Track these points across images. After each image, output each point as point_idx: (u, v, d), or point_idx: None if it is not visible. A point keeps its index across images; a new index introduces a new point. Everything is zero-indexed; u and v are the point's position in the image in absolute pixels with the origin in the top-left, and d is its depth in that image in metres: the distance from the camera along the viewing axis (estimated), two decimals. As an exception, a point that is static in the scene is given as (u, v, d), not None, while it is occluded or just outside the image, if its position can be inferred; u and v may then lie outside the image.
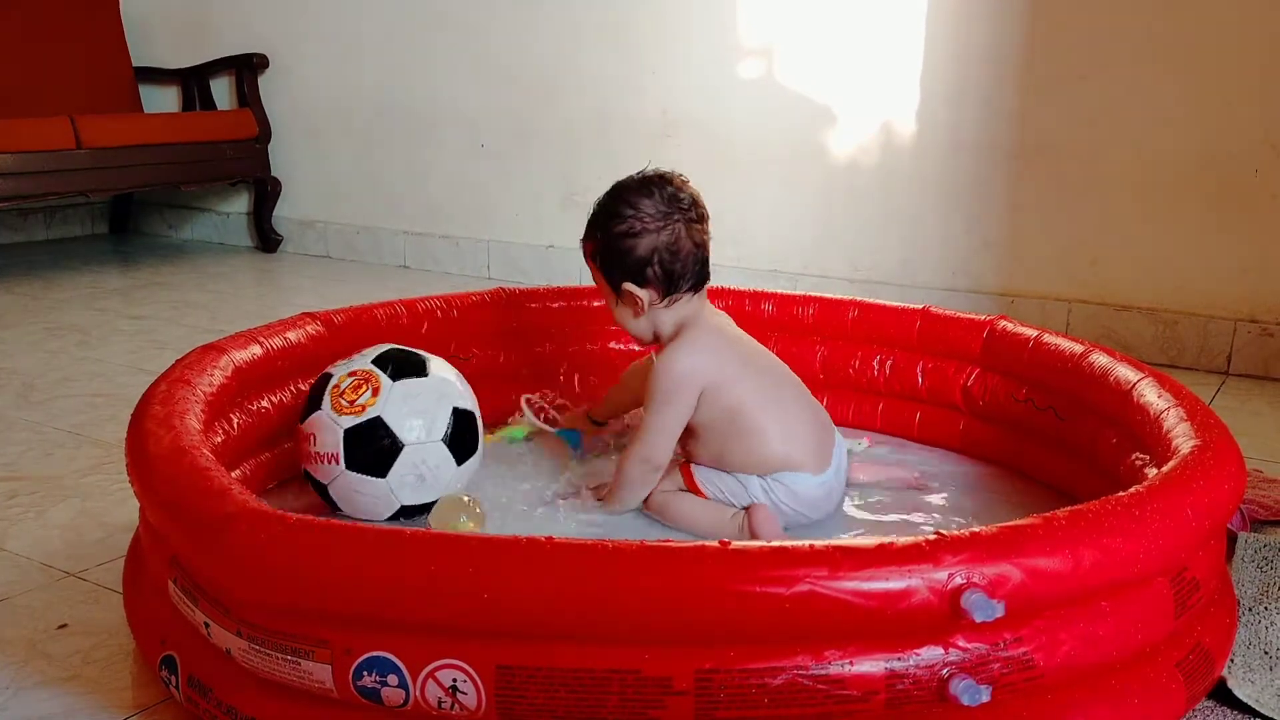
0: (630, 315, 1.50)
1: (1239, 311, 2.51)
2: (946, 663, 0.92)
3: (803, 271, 3.00)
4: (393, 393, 1.41)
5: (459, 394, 1.47)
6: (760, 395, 1.47)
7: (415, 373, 1.45)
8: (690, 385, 1.45)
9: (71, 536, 1.53)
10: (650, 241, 1.43)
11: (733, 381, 1.46)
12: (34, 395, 2.20)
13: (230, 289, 3.37)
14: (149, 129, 3.59)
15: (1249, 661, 1.17)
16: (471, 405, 1.49)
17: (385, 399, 1.40)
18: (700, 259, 1.47)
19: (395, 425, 1.40)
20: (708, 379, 1.45)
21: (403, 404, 1.41)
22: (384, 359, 1.46)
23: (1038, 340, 1.66)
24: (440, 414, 1.43)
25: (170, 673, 1.09)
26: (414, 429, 1.41)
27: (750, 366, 1.50)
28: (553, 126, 3.36)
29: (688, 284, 1.46)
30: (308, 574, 0.95)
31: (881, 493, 1.61)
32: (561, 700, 0.91)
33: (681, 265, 1.45)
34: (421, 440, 1.41)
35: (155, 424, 1.21)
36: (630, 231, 1.44)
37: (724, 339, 1.51)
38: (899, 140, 2.87)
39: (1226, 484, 1.11)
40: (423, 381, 1.44)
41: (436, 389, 1.45)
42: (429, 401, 1.43)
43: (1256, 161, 2.45)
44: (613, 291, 1.49)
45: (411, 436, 1.41)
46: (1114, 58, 2.56)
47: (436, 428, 1.43)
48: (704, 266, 1.48)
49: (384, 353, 1.47)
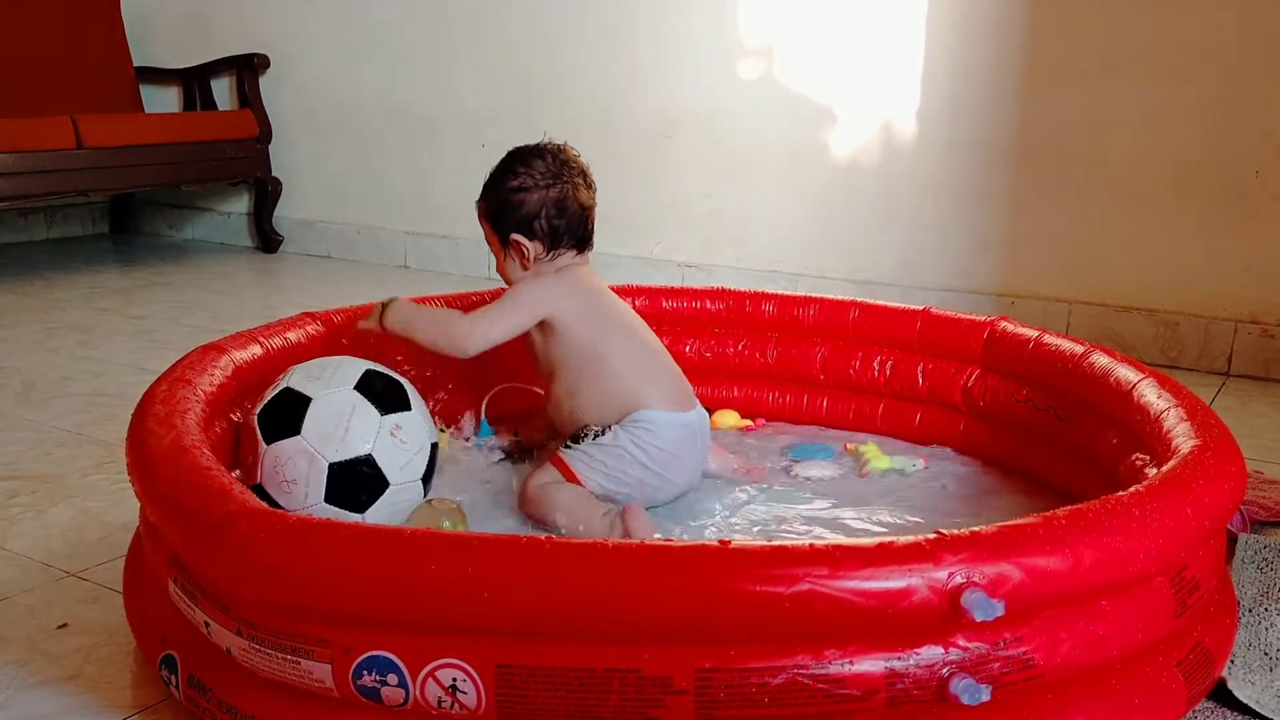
0: (518, 267, 1.61)
1: (1240, 312, 2.51)
2: (947, 662, 0.92)
3: (803, 272, 3.00)
4: (265, 457, 1.34)
5: (339, 443, 1.35)
6: (614, 340, 1.58)
7: (288, 430, 1.35)
8: (534, 305, 1.57)
9: (72, 536, 1.53)
10: (540, 197, 1.57)
11: (583, 320, 1.57)
12: (34, 395, 2.20)
13: (231, 289, 3.37)
14: (150, 129, 3.60)
15: (1249, 663, 1.17)
16: (365, 446, 1.36)
17: (261, 466, 1.35)
18: (585, 219, 1.61)
19: (274, 493, 1.34)
20: (555, 307, 1.56)
21: (275, 472, 1.34)
22: (268, 410, 1.37)
23: (1038, 341, 1.66)
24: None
25: (170, 672, 1.09)
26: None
27: (607, 315, 1.60)
28: (554, 126, 3.31)
29: (571, 240, 1.60)
30: (308, 573, 0.95)
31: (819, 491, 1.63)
32: (561, 699, 0.91)
33: (567, 222, 1.59)
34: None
35: (156, 423, 1.21)
36: (522, 186, 1.58)
37: (585, 286, 1.61)
38: (899, 141, 2.87)
39: (1227, 483, 1.11)
40: (292, 443, 1.34)
41: (305, 449, 1.34)
42: (300, 466, 1.34)
43: (1257, 162, 2.45)
44: (501, 245, 1.61)
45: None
46: (1114, 58, 2.56)
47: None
48: (588, 229, 1.62)
49: (272, 399, 1.38)
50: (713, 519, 1.53)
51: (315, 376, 1.39)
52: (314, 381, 1.39)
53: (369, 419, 1.36)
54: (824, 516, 1.53)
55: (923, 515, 1.54)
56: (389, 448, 1.36)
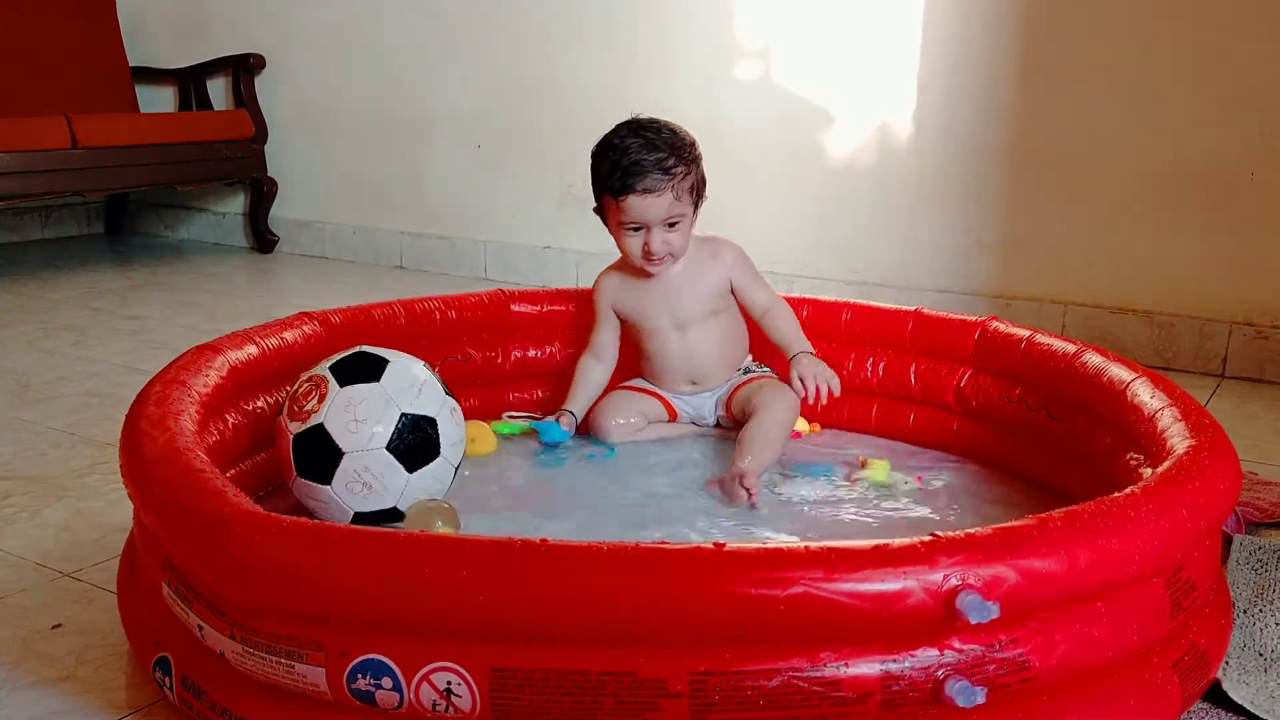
0: (691, 229, 1.75)
1: (1234, 314, 2.52)
2: (942, 664, 0.92)
3: (798, 273, 3.01)
4: (336, 399, 1.38)
5: (413, 399, 1.41)
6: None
7: (367, 377, 1.40)
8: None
9: (66, 536, 1.53)
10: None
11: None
12: (29, 395, 2.19)
13: (226, 289, 3.37)
14: (145, 129, 3.59)
15: (1244, 664, 1.17)
16: (433, 410, 1.42)
17: (329, 405, 1.38)
18: None
19: (335, 432, 1.37)
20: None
21: (344, 411, 1.38)
22: (342, 363, 1.43)
23: (1030, 341, 1.66)
24: (385, 420, 1.39)
25: (164, 674, 1.09)
26: (354, 436, 1.37)
27: None
28: (549, 127, 3.36)
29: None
30: (303, 575, 0.95)
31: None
32: (556, 703, 0.91)
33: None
34: (362, 447, 1.37)
35: (150, 425, 1.20)
36: (699, 152, 1.72)
37: None
38: (895, 142, 2.87)
39: (1222, 483, 1.11)
40: (371, 387, 1.39)
41: (383, 394, 1.39)
42: (374, 407, 1.38)
43: (1252, 164, 2.45)
44: (693, 209, 1.73)
45: (350, 443, 1.37)
46: (1110, 60, 2.56)
47: (379, 434, 1.38)
48: None
49: (345, 357, 1.45)
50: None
51: (386, 351, 1.47)
52: (386, 352, 1.47)
53: (437, 391, 1.45)
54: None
55: (916, 516, 1.53)
56: (448, 420, 1.44)
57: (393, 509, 1.41)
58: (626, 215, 1.69)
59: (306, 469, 1.39)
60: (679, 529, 1.49)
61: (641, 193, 1.65)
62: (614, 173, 1.66)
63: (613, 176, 1.66)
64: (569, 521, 1.51)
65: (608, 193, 1.69)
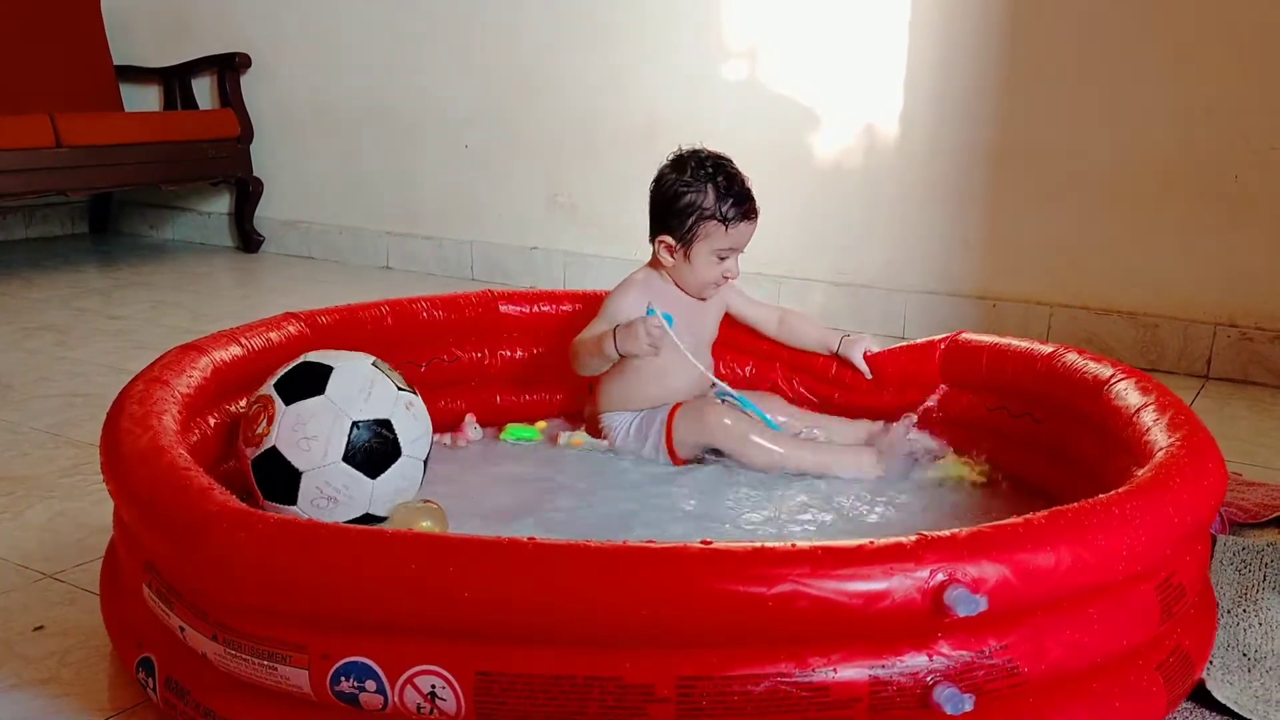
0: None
1: (1219, 316, 2.53)
2: (930, 670, 0.92)
3: (787, 274, 3.01)
4: (285, 418, 1.36)
5: (363, 405, 1.38)
6: None
7: (312, 390, 1.37)
8: None
9: (48, 537, 1.52)
10: None
11: None
12: (12, 395, 2.18)
13: (211, 289, 3.35)
14: (130, 128, 3.57)
15: (1228, 663, 1.17)
16: (385, 411, 1.39)
17: (278, 426, 1.36)
18: None
19: (288, 453, 1.35)
20: None
21: (294, 430, 1.35)
22: (286, 379, 1.40)
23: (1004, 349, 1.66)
24: (336, 433, 1.36)
25: (148, 675, 1.08)
26: (307, 454, 1.35)
27: None
28: (537, 128, 3.35)
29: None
30: (287, 573, 0.94)
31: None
32: (541, 707, 0.90)
33: None
34: (318, 465, 1.35)
35: (131, 423, 1.19)
36: None
37: None
38: (882, 143, 2.87)
39: (1207, 480, 1.11)
40: (318, 401, 1.36)
41: (330, 407, 1.36)
42: (323, 422, 1.36)
43: (1236, 167, 2.46)
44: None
45: (305, 462, 1.35)
46: (1095, 62, 2.57)
47: (333, 449, 1.36)
48: None
49: (290, 370, 1.41)
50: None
51: (331, 355, 1.44)
52: (331, 357, 1.43)
53: (388, 389, 1.41)
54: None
55: (903, 517, 1.53)
56: (404, 417, 1.41)
57: (367, 515, 1.39)
58: (732, 241, 1.74)
59: (270, 492, 1.37)
60: (668, 528, 1.49)
61: (754, 219, 1.75)
62: (730, 200, 1.72)
63: (727, 204, 1.72)
64: (559, 517, 1.51)
65: (716, 219, 1.72)
